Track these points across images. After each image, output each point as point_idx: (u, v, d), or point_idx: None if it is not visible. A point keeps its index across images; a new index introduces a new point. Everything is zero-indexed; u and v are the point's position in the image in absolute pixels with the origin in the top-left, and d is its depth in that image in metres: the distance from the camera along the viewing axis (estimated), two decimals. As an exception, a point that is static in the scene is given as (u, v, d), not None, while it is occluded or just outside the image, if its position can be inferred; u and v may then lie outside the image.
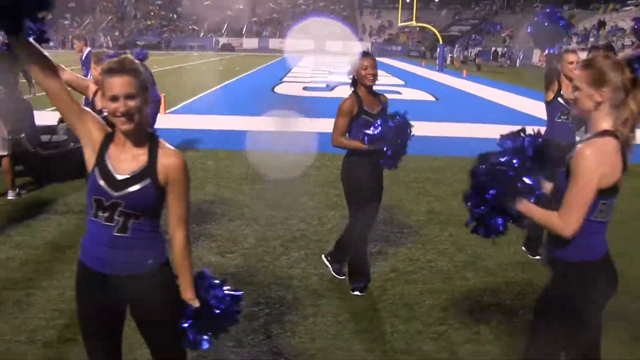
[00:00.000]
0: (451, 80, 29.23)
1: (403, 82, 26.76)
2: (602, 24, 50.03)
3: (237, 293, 2.61)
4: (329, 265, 5.11)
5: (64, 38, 68.09)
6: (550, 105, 5.68)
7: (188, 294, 2.50)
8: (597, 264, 2.57)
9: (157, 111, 8.58)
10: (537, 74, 37.57)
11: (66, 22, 75.67)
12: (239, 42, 71.74)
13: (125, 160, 2.38)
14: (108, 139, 2.41)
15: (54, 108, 2.56)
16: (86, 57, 9.81)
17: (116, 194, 2.35)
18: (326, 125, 5.64)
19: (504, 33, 64.87)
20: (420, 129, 5.29)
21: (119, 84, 2.27)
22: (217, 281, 2.58)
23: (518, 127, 2.60)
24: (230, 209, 7.02)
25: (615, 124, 2.49)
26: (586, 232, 2.46)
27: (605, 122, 2.50)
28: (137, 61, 2.36)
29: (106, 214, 2.37)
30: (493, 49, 57.73)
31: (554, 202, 2.54)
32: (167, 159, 2.41)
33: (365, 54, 4.67)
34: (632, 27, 5.14)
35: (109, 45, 64.42)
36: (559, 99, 5.59)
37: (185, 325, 2.46)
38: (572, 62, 5.48)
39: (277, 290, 4.87)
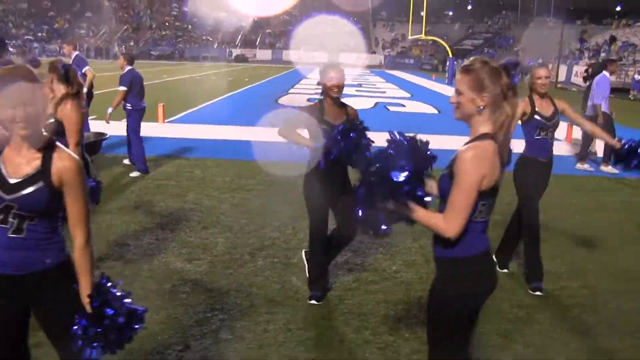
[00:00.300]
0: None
1: (409, 95, 26.76)
2: (613, 39, 49.76)
3: (139, 308, 2.54)
4: (306, 264, 5.12)
5: (80, 47, 68.97)
6: (527, 125, 5.43)
7: (84, 297, 2.50)
8: (474, 260, 2.62)
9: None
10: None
11: (82, 32, 76.52)
12: (253, 54, 72.15)
13: (20, 164, 2.44)
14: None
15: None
16: (74, 60, 10.41)
17: (8, 197, 2.41)
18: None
19: (516, 47, 64.72)
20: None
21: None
22: (118, 292, 2.53)
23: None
24: (206, 216, 7.08)
25: (494, 128, 2.53)
26: (465, 231, 2.51)
27: (485, 126, 2.56)
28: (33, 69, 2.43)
29: (1, 217, 2.43)
30: (506, 62, 57.48)
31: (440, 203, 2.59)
32: (62, 162, 2.45)
33: (331, 66, 4.71)
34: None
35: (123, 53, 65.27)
36: (536, 116, 5.38)
37: (75, 328, 2.44)
38: (540, 77, 5.38)
39: (235, 297, 4.91)
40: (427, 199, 2.50)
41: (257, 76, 37.23)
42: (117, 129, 9.65)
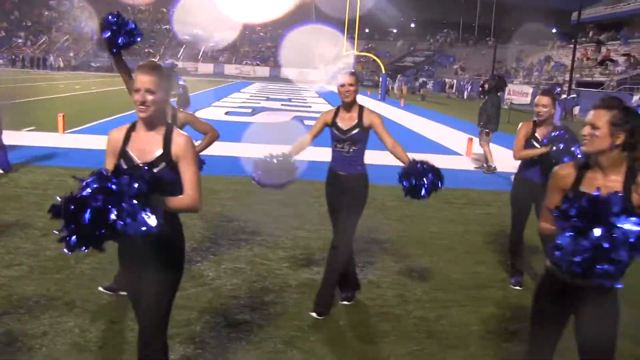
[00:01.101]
0: (385, 109, 29.34)
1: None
2: (548, 59, 51.23)
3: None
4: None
5: (15, 56, 67.12)
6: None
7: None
8: None
9: None
10: (474, 106, 38.36)
11: (20, 41, 74.52)
12: (195, 67, 71.54)
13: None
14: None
15: None
16: None
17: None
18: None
19: (456, 65, 65.95)
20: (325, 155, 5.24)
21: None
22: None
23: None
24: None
25: None
26: None
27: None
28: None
29: None
30: (445, 80, 58.56)
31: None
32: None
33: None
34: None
35: (59, 66, 63.82)
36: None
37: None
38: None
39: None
40: None
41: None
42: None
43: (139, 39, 4.90)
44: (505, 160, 13.15)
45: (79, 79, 43.53)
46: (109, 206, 2.45)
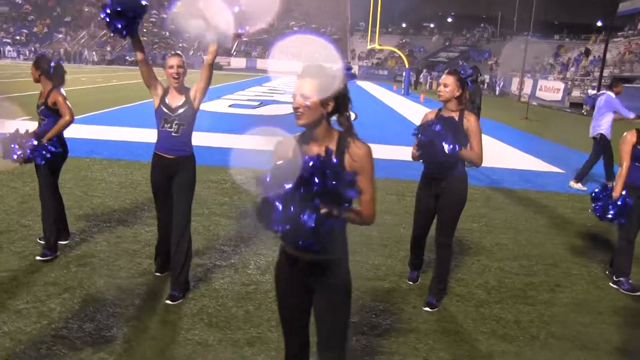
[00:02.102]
0: (402, 104, 28.91)
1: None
2: (587, 53, 49.66)
3: None
4: None
5: (53, 51, 68.58)
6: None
7: None
8: None
9: None
10: (501, 101, 37.71)
11: (60, 36, 76.17)
12: (227, 61, 71.87)
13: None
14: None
15: None
16: None
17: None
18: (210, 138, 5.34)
19: (490, 61, 64.72)
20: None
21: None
22: None
23: None
24: None
25: None
26: None
27: None
28: None
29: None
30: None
31: None
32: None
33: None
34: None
35: (93, 60, 64.94)
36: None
37: None
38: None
39: None
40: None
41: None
42: None
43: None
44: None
45: (107, 72, 44.20)
46: None
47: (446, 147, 4.46)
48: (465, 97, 4.88)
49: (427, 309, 4.90)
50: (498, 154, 13.83)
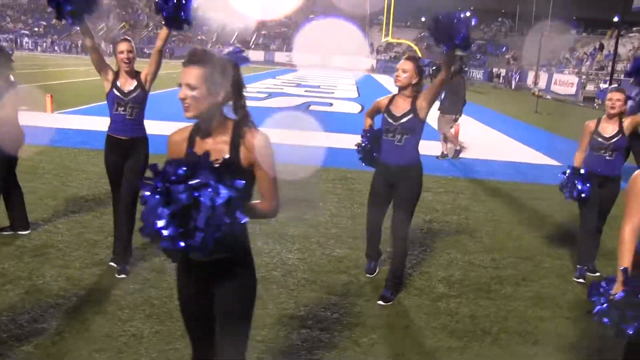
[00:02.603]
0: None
1: (357, 96, 26.19)
2: (601, 48, 48.90)
3: None
4: None
5: (72, 43, 69.18)
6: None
7: None
8: None
9: None
10: (515, 95, 37.20)
11: (78, 28, 76.49)
12: (246, 54, 71.81)
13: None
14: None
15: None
16: None
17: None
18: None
19: (508, 55, 64.00)
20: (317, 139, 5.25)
21: None
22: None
23: None
24: None
25: None
26: None
27: None
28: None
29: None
30: (495, 70, 56.88)
31: None
32: None
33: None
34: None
35: (109, 52, 65.34)
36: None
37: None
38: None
39: None
40: None
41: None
42: None
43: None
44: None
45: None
46: None
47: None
48: (421, 85, 4.75)
49: (380, 302, 4.77)
50: (496, 146, 13.62)
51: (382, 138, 4.81)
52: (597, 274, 5.63)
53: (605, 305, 2.50)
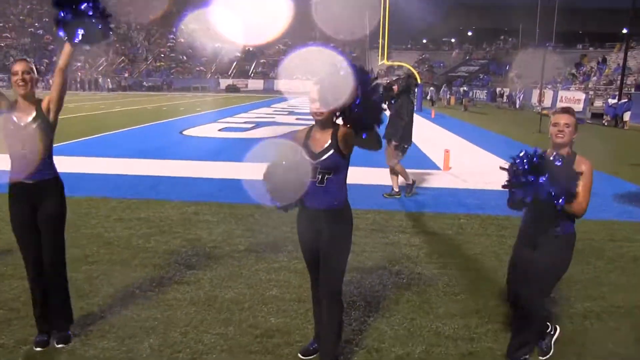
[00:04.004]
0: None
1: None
2: (605, 61, 47.77)
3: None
4: None
5: (70, 80, 68.86)
6: None
7: None
8: None
9: None
10: (516, 115, 35.97)
11: (78, 64, 76.61)
12: (245, 83, 71.48)
13: None
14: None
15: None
16: None
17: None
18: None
19: (511, 73, 63.01)
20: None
21: None
22: None
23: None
24: None
25: None
26: None
27: None
28: None
29: None
30: (498, 89, 55.84)
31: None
32: None
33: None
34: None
35: (108, 87, 64.91)
36: None
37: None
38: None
39: None
40: None
41: (207, 106, 35.92)
42: None
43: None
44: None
45: (117, 99, 43.61)
46: None
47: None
48: None
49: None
50: (490, 174, 12.38)
51: None
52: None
53: None
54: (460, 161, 13.45)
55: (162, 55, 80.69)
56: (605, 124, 29.72)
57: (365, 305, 5.05)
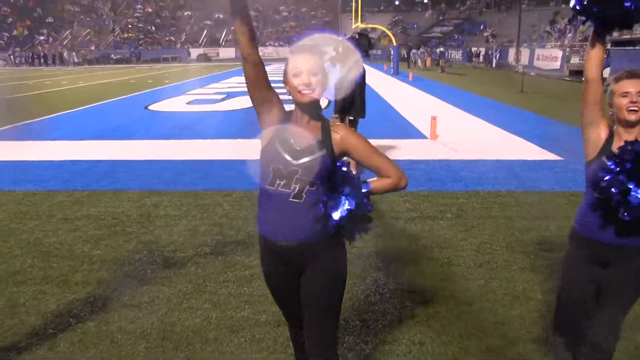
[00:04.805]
0: (388, 85, 26.37)
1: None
2: (575, 16, 46.87)
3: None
4: None
5: (34, 54, 66.24)
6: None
7: None
8: None
9: None
10: (498, 74, 35.06)
11: (42, 38, 73.85)
12: (216, 52, 69.48)
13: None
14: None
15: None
16: None
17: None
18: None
19: (486, 32, 61.97)
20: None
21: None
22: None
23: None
24: None
25: None
26: None
27: None
28: None
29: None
30: (474, 49, 54.78)
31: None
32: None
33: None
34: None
35: (73, 61, 62.56)
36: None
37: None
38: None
39: None
40: None
41: (178, 76, 34.36)
42: None
43: None
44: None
45: (82, 73, 41.75)
46: None
47: None
48: None
49: None
50: (482, 141, 11.43)
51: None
52: None
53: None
54: (447, 128, 12.46)
55: (130, 26, 78.01)
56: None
57: (361, 327, 4.04)
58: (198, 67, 48.24)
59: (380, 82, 27.65)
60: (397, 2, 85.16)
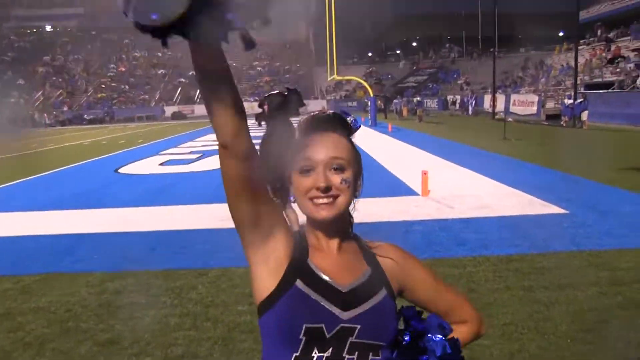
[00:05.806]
0: (367, 137, 25.80)
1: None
2: (542, 64, 47.81)
3: None
4: None
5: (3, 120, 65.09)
6: None
7: None
8: None
9: None
10: (475, 121, 34.83)
11: (12, 100, 72.81)
12: (191, 109, 68.99)
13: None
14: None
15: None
16: None
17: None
18: None
19: (460, 80, 62.49)
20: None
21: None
22: None
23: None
24: None
25: None
26: None
27: None
28: None
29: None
30: (450, 97, 54.98)
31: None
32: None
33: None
34: None
35: (44, 122, 61.53)
36: None
37: None
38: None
39: None
40: None
41: (150, 136, 33.53)
42: None
43: None
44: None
45: (52, 135, 40.69)
46: None
47: None
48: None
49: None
50: (479, 195, 10.63)
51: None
52: None
53: None
54: (437, 182, 11.67)
55: (103, 86, 77.53)
56: (564, 124, 28.97)
57: None
58: (172, 125, 47.53)
59: (359, 134, 26.98)
60: (370, 54, 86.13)
